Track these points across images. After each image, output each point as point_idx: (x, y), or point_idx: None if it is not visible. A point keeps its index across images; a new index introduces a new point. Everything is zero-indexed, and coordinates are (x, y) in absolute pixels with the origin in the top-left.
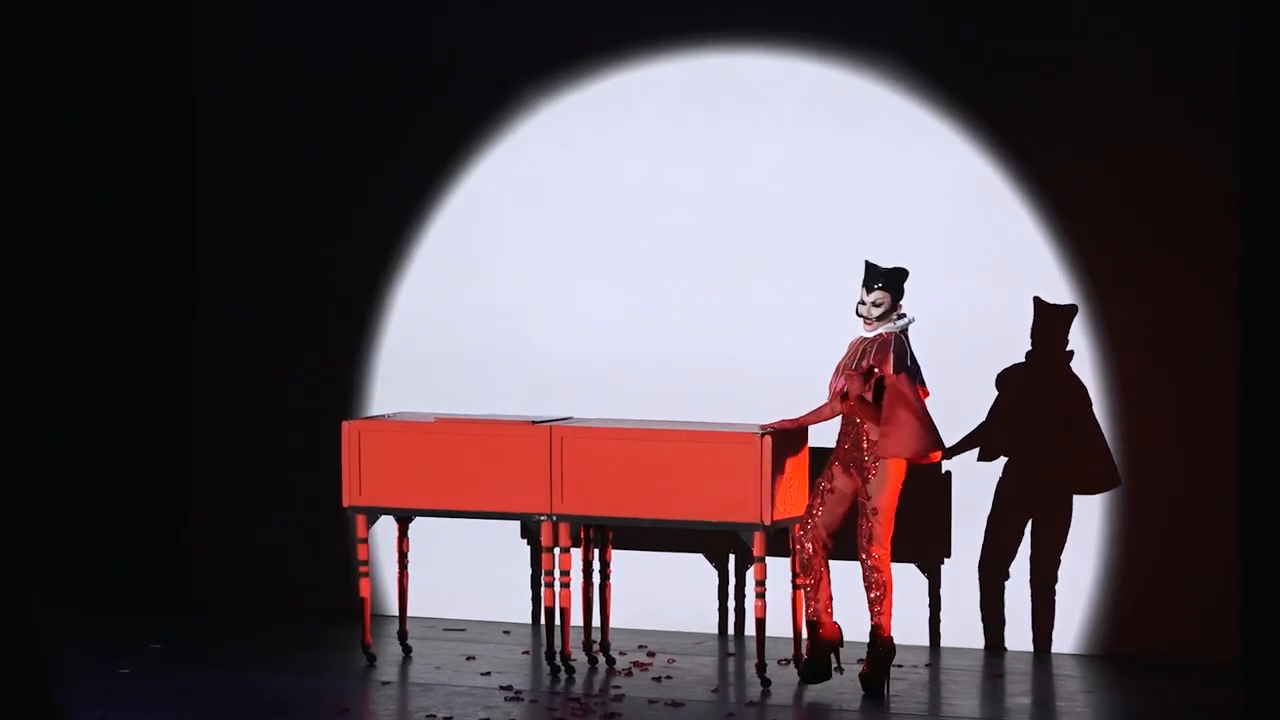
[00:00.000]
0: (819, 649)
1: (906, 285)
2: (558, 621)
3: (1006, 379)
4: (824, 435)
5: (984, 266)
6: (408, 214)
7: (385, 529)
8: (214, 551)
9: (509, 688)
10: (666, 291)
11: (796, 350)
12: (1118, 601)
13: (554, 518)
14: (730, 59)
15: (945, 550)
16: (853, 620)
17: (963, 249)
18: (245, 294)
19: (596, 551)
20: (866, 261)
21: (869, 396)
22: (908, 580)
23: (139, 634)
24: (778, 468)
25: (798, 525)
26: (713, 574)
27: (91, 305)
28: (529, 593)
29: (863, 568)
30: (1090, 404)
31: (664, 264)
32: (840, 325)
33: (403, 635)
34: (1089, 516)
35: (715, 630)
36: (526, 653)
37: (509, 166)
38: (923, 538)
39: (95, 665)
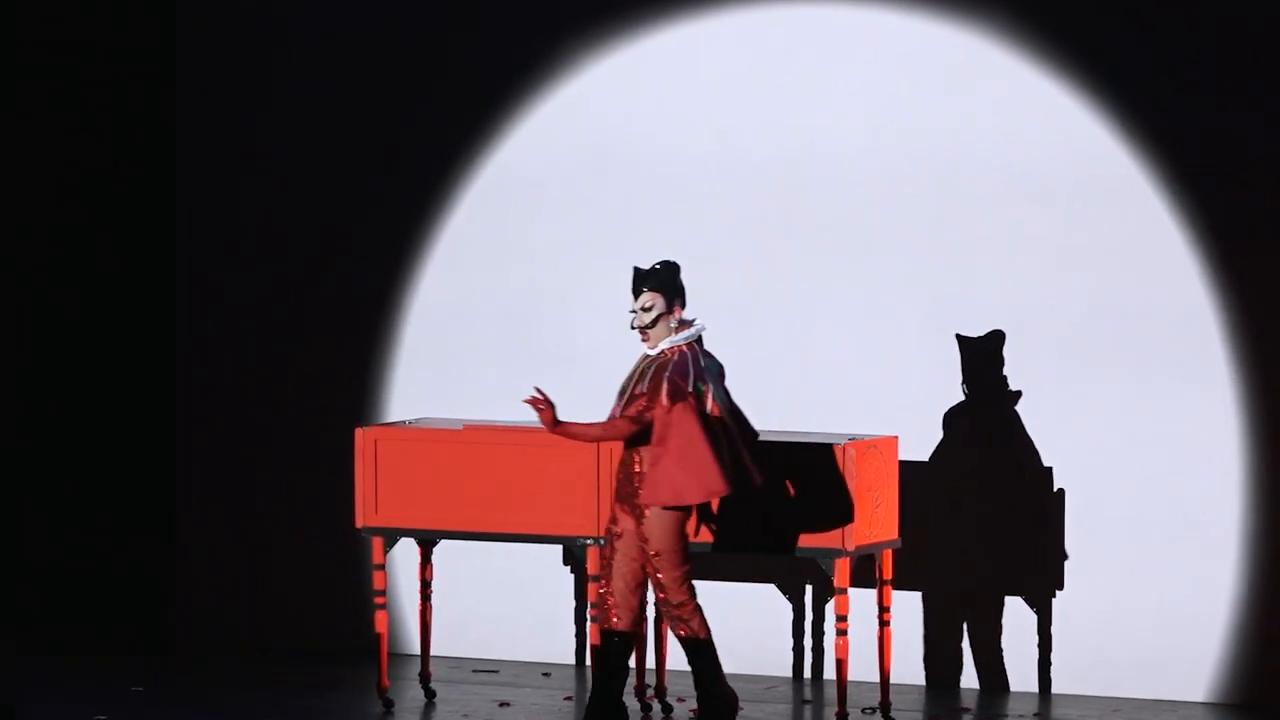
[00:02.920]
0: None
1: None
2: None
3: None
4: (917, 447)
5: (1106, 254)
6: (430, 190)
7: (405, 554)
8: (204, 579)
9: None
10: (732, 277)
11: (884, 347)
12: (1255, 644)
13: (601, 541)
14: (810, 10)
15: (1057, 583)
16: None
17: (1081, 234)
18: (239, 282)
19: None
20: (634, 267)
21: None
22: (1016, 616)
23: (117, 674)
24: (864, 483)
25: (602, 582)
26: (786, 608)
27: (62, 302)
28: (572, 629)
29: (666, 617)
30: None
31: (729, 245)
32: (931, 318)
33: (425, 677)
34: (1224, 549)
35: (789, 673)
36: (569, 698)
37: (548, 134)
38: (1029, 569)
39: (67, 711)
